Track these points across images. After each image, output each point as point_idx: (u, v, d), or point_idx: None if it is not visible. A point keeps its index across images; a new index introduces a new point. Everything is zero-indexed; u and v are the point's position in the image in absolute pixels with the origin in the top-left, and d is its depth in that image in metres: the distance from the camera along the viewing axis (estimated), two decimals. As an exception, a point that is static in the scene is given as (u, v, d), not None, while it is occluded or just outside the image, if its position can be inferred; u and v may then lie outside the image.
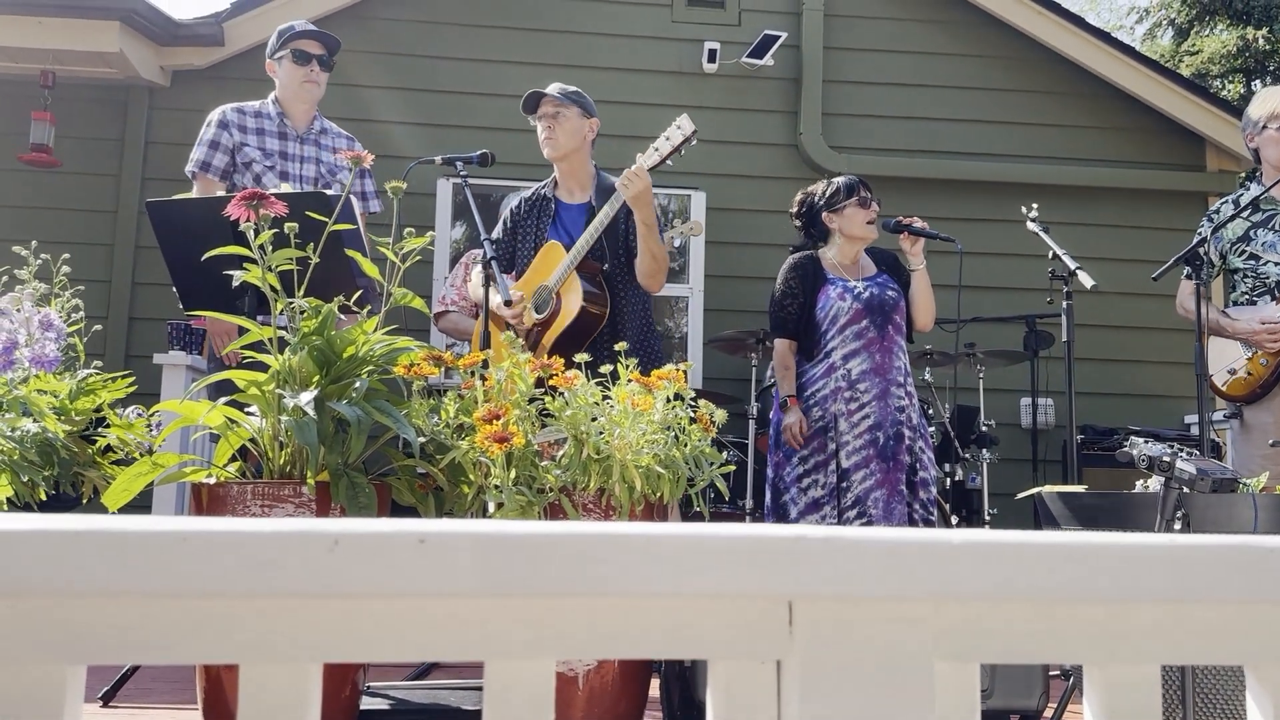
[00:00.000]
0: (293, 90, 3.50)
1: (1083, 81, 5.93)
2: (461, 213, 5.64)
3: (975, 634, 0.74)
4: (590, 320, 3.06)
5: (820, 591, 0.71)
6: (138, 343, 5.25)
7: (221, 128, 3.45)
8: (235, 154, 3.44)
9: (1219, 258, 3.60)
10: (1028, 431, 5.31)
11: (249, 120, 3.49)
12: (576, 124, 3.24)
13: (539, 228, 3.30)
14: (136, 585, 0.65)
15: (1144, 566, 0.72)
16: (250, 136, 3.46)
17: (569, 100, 3.26)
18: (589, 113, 3.30)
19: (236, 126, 3.46)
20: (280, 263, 1.96)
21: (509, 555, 0.67)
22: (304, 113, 3.54)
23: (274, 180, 3.43)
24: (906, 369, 3.48)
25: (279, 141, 3.50)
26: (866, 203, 3.49)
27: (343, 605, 0.68)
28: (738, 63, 5.71)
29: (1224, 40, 16.51)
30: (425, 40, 5.67)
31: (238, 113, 3.49)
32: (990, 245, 5.62)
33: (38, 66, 5.19)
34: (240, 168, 3.44)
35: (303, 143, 3.52)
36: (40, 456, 1.96)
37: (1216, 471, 1.86)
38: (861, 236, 3.49)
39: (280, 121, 3.51)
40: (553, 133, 3.25)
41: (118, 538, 0.65)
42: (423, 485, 2.05)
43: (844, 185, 3.52)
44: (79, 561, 0.66)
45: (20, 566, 0.66)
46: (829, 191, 3.54)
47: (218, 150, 3.44)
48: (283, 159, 3.49)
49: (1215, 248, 3.59)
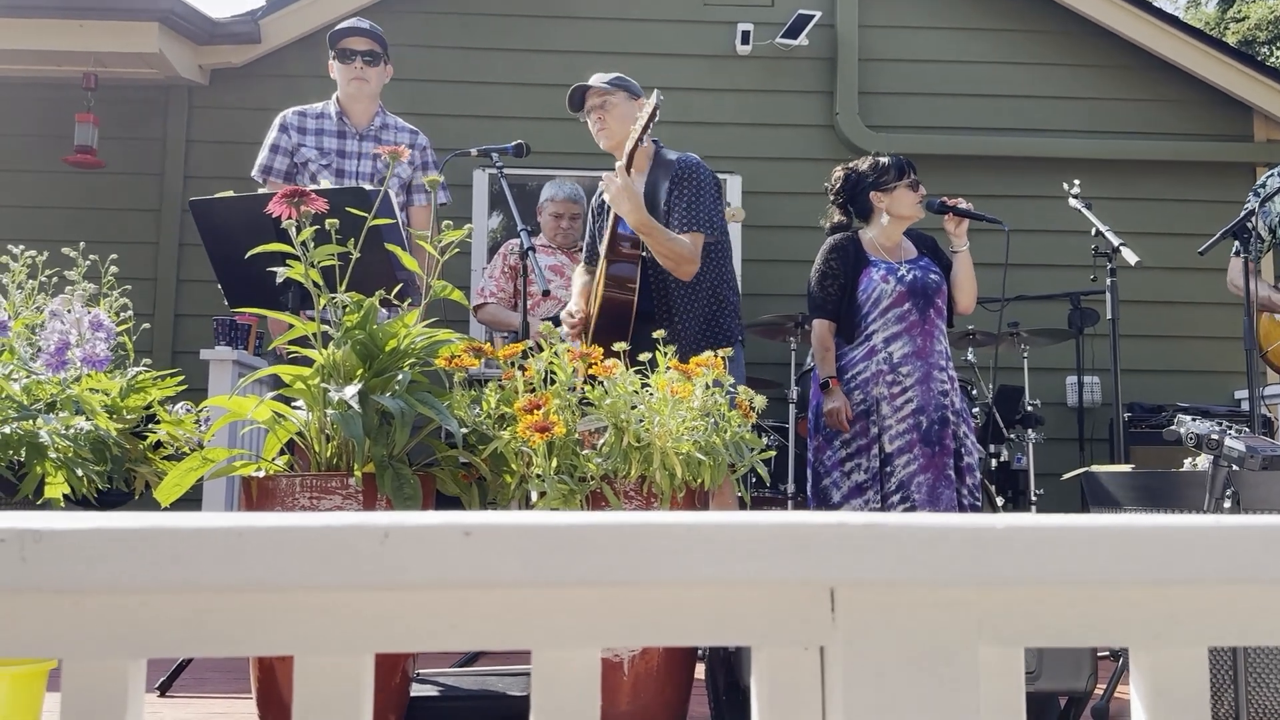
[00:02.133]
0: (344, 89, 3.57)
1: (1123, 53, 5.82)
2: (498, 203, 5.67)
3: (1019, 618, 0.74)
4: (617, 306, 3.00)
5: (862, 578, 0.71)
6: (184, 339, 5.35)
7: (281, 131, 3.55)
8: (294, 155, 3.52)
9: (1268, 232, 3.54)
10: (1074, 411, 5.24)
11: (309, 121, 3.57)
12: (626, 109, 3.18)
13: (606, 221, 3.30)
14: (194, 580, 0.67)
15: (1189, 548, 0.72)
16: (309, 137, 3.54)
17: (614, 87, 3.21)
18: (635, 94, 3.25)
19: (296, 129, 3.55)
20: (322, 259, 1.99)
21: (553, 546, 0.68)
22: (362, 110, 3.60)
23: (329, 178, 3.49)
24: (948, 353, 3.45)
25: (337, 140, 3.57)
26: (917, 185, 3.46)
27: (393, 596, 0.70)
28: (772, 44, 5.67)
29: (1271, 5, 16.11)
30: (458, 31, 5.69)
31: (298, 115, 3.58)
32: (1033, 222, 5.55)
33: (80, 69, 5.28)
34: (299, 168, 3.52)
35: (362, 139, 3.58)
36: (94, 453, 2.00)
37: (1266, 449, 1.83)
38: (910, 216, 3.46)
39: (339, 120, 3.58)
40: (605, 123, 3.20)
41: (176, 534, 0.67)
42: (466, 475, 2.08)
43: (894, 165, 3.48)
44: (139, 559, 0.68)
45: (83, 564, 0.68)
46: (879, 170, 3.49)
47: (278, 154, 3.54)
48: (340, 157, 3.55)
49: (1264, 222, 3.53)
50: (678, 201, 3.07)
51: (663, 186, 3.09)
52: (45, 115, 5.46)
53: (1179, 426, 1.98)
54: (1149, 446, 4.90)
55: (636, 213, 2.92)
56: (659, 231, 2.97)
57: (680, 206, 3.06)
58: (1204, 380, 5.59)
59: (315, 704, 0.71)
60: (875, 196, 3.46)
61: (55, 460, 1.94)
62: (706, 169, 3.20)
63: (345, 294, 2.00)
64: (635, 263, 3.04)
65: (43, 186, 5.47)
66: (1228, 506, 1.87)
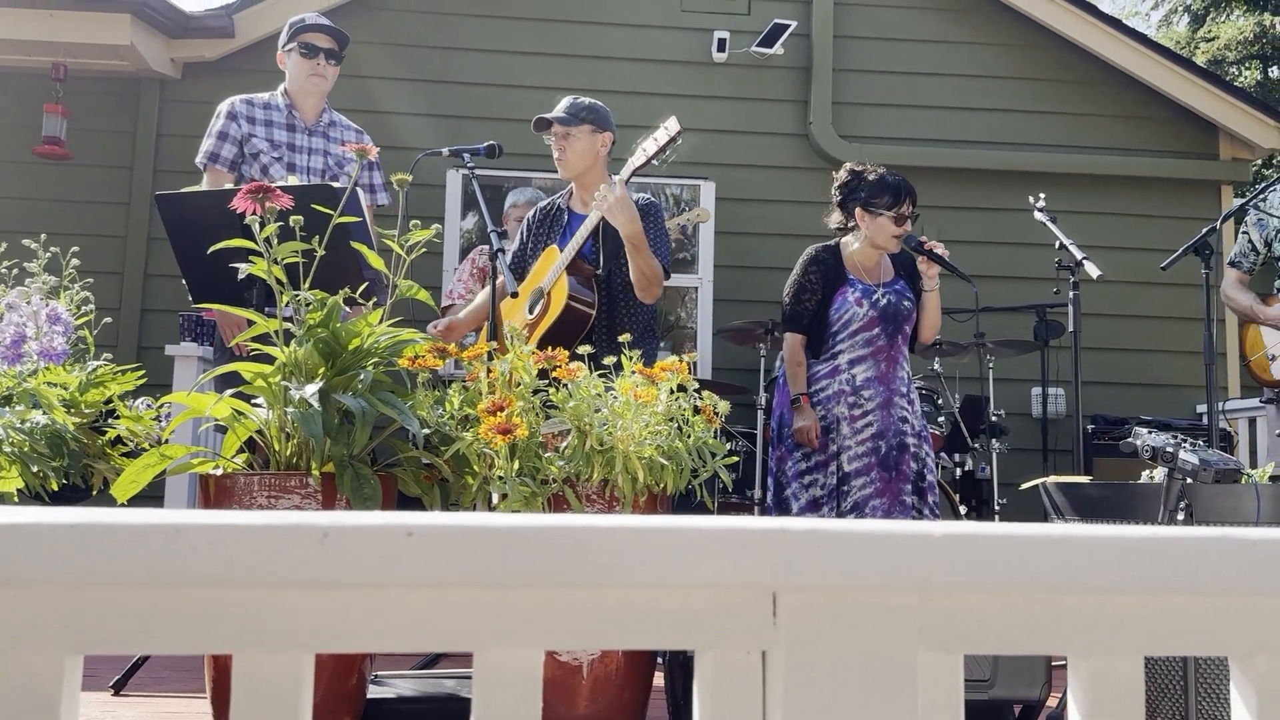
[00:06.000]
0: (300, 83, 3.51)
1: (1094, 69, 5.90)
2: (471, 203, 5.65)
3: (959, 625, 0.75)
4: (575, 318, 3.01)
5: (804, 582, 0.72)
6: (150, 334, 5.29)
7: (230, 119, 3.47)
8: (243, 145, 3.45)
9: (1264, 245, 3.62)
10: (1038, 421, 5.30)
11: (258, 111, 3.50)
12: (587, 142, 3.18)
13: (550, 237, 3.30)
14: (133, 576, 0.67)
15: (1126, 557, 0.73)
16: (259, 128, 3.48)
17: (578, 119, 3.19)
18: (601, 127, 3.21)
19: (245, 118, 3.47)
20: (286, 256, 1.97)
21: (495, 547, 0.68)
22: (312, 105, 3.56)
23: (281, 171, 3.44)
24: (909, 378, 3.44)
25: (287, 133, 3.51)
26: (903, 220, 3.34)
27: (334, 596, 0.69)
28: (747, 52, 5.70)
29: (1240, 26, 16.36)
30: (435, 31, 5.68)
31: (246, 104, 3.51)
32: (1002, 234, 5.61)
33: (50, 59, 5.21)
34: (248, 159, 3.45)
35: (311, 134, 3.54)
36: (50, 448, 1.98)
37: (1219, 462, 1.86)
38: (884, 247, 3.38)
39: (289, 113, 3.52)
40: (564, 154, 3.20)
41: (115, 530, 0.67)
42: (428, 476, 2.07)
43: (892, 189, 3.34)
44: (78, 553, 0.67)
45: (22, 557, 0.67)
46: (875, 187, 3.37)
47: (226, 141, 3.45)
48: (290, 150, 3.50)
49: (1260, 235, 3.61)
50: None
51: None
52: (13, 106, 5.40)
53: (1135, 439, 2.00)
54: (1112, 458, 4.96)
55: (633, 224, 2.94)
56: (646, 246, 3.00)
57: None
58: (1167, 393, 5.66)
59: (254, 703, 0.71)
60: (860, 213, 3.39)
61: (9, 454, 1.92)
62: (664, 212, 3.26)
63: (309, 291, 1.99)
64: (591, 280, 3.09)
65: (9, 178, 5.39)
66: (1181, 519, 1.90)
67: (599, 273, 3.12)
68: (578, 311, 3.03)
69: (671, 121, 2.95)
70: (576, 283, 3.06)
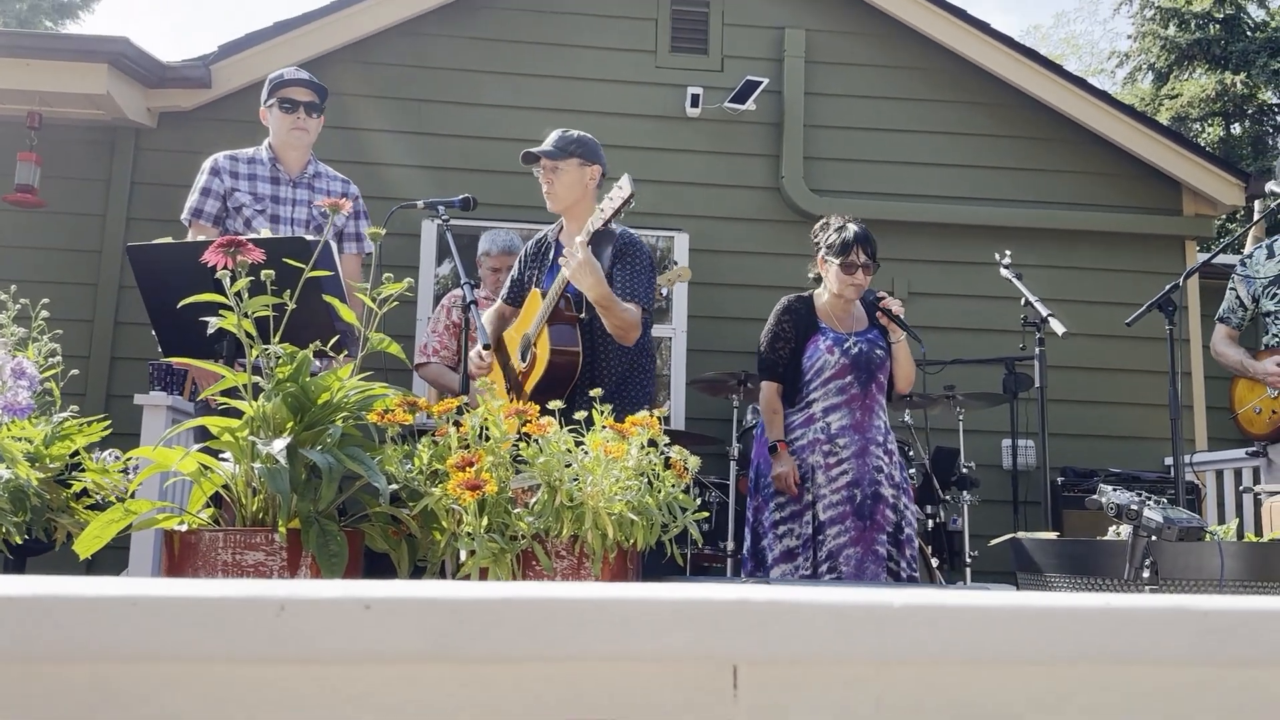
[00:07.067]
0: (283, 137, 3.55)
1: (1061, 127, 6.02)
2: (446, 252, 5.67)
3: (917, 695, 0.75)
4: (561, 369, 3.03)
5: (764, 655, 0.72)
6: (119, 383, 5.24)
7: (213, 174, 3.51)
8: (226, 199, 3.48)
9: (1251, 301, 3.71)
10: (1009, 473, 5.33)
11: (241, 166, 3.55)
12: (575, 175, 3.20)
13: (539, 271, 3.32)
14: (82, 650, 0.66)
15: (1080, 628, 0.74)
16: (241, 182, 3.52)
17: (566, 153, 3.21)
18: (589, 160, 3.23)
19: (228, 173, 3.51)
20: (256, 309, 1.97)
21: (454, 620, 0.68)
22: (296, 158, 3.59)
23: (264, 224, 3.47)
24: (887, 427, 3.47)
25: (271, 186, 3.55)
26: (852, 269, 3.39)
27: (289, 670, 0.69)
28: (720, 107, 5.78)
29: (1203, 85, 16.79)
30: (417, 83, 5.73)
31: (230, 159, 3.55)
32: (971, 287, 5.68)
33: (25, 108, 5.21)
34: (232, 213, 3.49)
35: (295, 186, 3.57)
36: (12, 503, 1.95)
37: (1183, 520, 1.88)
38: (839, 295, 3.46)
39: (272, 167, 3.56)
40: (552, 187, 3.22)
41: (63, 602, 0.66)
42: (396, 532, 2.05)
43: (841, 243, 3.41)
44: (27, 627, 0.66)
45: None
46: (831, 237, 3.45)
47: (209, 197, 3.50)
48: (274, 203, 3.53)
49: (1248, 291, 3.69)
50: (620, 273, 3.12)
51: (604, 255, 3.14)
52: (-14, 152, 5.38)
53: (1100, 496, 2.02)
54: (1082, 511, 4.99)
55: (598, 287, 2.95)
56: (615, 304, 3.01)
57: (622, 278, 3.11)
58: (1135, 446, 5.72)
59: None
60: (819, 262, 3.49)
61: (-31, 510, 1.89)
62: (646, 246, 3.24)
63: (279, 345, 1.98)
64: (576, 325, 3.09)
65: (-21, 224, 5.36)
66: (1146, 576, 1.91)
67: (582, 317, 3.11)
68: (563, 361, 3.04)
69: (625, 180, 2.96)
70: (559, 332, 3.07)
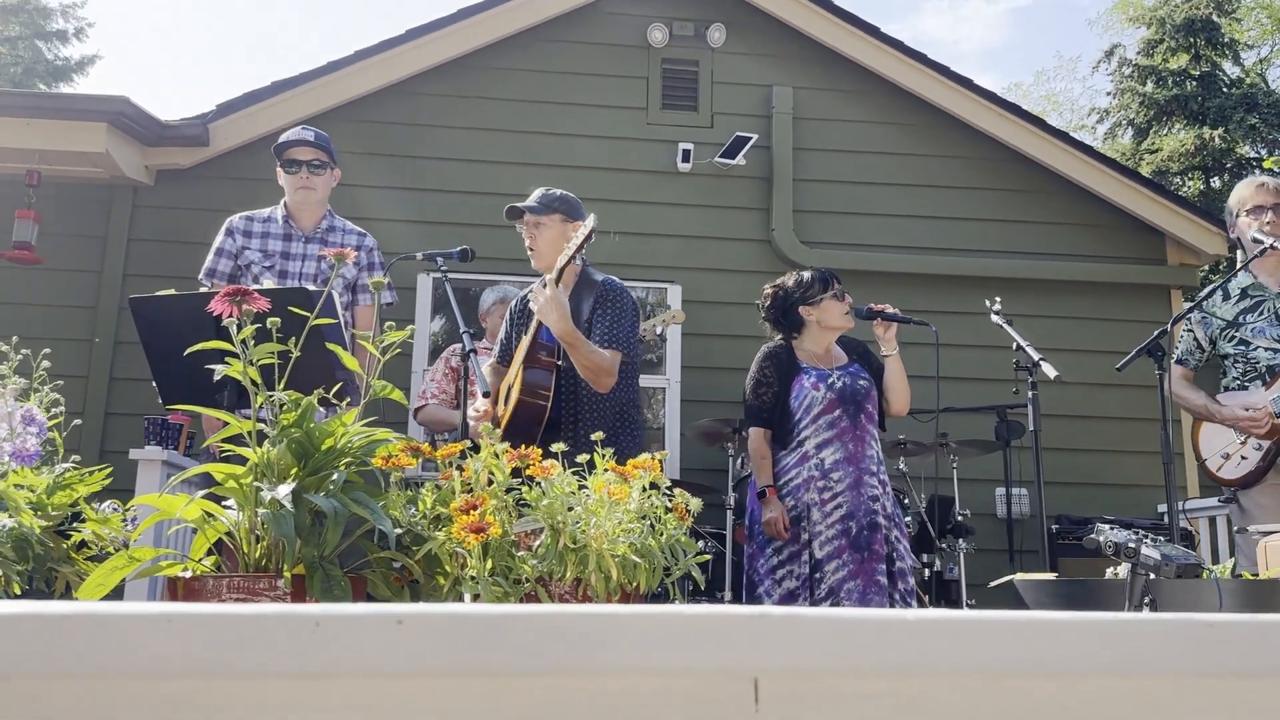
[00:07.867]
0: (291, 196, 3.69)
1: (1046, 180, 6.14)
2: (441, 306, 5.71)
3: (934, 707, 0.77)
4: (529, 411, 3.02)
5: (784, 667, 0.74)
6: (113, 438, 5.23)
7: (227, 235, 3.69)
8: (238, 258, 3.63)
9: (1209, 343, 3.70)
10: (1003, 521, 5.33)
11: (255, 225, 3.70)
12: (557, 230, 3.23)
13: (524, 330, 3.35)
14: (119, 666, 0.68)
15: (1091, 641, 0.76)
16: (254, 240, 3.66)
17: (549, 209, 3.25)
18: (571, 216, 3.27)
19: (241, 232, 3.67)
20: (261, 357, 1.99)
21: (484, 636, 0.70)
22: (310, 215, 3.71)
23: (271, 279, 3.55)
24: (880, 458, 3.51)
25: (282, 243, 3.67)
26: (842, 295, 3.55)
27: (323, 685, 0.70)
28: (711, 162, 5.88)
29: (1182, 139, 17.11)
30: (412, 141, 5.82)
31: (245, 219, 3.72)
32: (961, 337, 5.73)
33: (23, 166, 5.27)
34: (243, 270, 3.61)
35: (308, 242, 3.68)
36: (15, 551, 1.95)
37: (1181, 557, 1.90)
38: (840, 326, 3.55)
39: (285, 224, 3.70)
40: (534, 242, 3.25)
41: (103, 620, 0.68)
42: (398, 578, 2.06)
43: (818, 278, 3.56)
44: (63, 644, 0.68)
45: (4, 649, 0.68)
46: (804, 285, 3.58)
47: (222, 256, 3.68)
48: (284, 259, 3.64)
49: (1205, 333, 3.69)
50: (600, 319, 3.13)
51: (586, 303, 3.16)
52: (-16, 210, 5.42)
53: (1098, 535, 2.04)
54: (1078, 558, 4.99)
55: (563, 323, 2.97)
56: (582, 343, 3.02)
57: (603, 324, 3.12)
58: (1129, 493, 5.74)
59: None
60: (804, 310, 3.55)
61: (-27, 557, 1.89)
62: (629, 293, 3.25)
63: (283, 392, 2.01)
64: (551, 371, 3.09)
65: (-25, 281, 5.39)
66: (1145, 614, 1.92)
67: (559, 363, 3.13)
68: (530, 404, 3.04)
69: (590, 219, 3.00)
70: (530, 375, 3.08)
